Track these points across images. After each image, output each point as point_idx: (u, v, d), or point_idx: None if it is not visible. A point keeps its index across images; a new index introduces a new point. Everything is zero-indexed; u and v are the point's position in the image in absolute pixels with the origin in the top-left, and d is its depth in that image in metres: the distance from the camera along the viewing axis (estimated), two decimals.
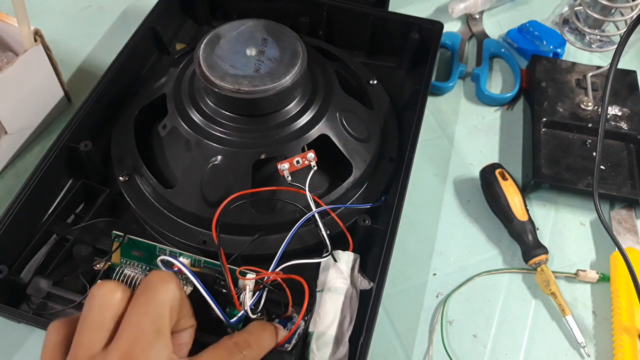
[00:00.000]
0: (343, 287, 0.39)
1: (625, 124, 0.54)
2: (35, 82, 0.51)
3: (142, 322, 0.27)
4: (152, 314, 0.27)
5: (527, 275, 0.47)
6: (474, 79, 0.61)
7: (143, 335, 0.26)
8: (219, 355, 0.29)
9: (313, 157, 0.43)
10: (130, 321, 0.27)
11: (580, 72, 0.58)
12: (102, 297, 0.28)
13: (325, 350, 0.36)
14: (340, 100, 0.48)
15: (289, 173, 0.42)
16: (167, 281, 0.29)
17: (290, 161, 0.42)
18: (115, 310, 0.28)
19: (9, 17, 0.51)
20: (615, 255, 0.46)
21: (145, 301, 0.28)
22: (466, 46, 0.65)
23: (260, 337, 0.33)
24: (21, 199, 0.42)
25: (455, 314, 0.45)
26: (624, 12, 0.61)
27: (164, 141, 0.47)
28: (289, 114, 0.44)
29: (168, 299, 0.28)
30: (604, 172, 0.52)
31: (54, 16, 0.67)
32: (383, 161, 0.49)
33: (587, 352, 0.43)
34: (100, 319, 0.27)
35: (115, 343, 0.26)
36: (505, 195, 0.48)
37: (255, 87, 0.42)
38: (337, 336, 0.37)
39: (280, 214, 0.44)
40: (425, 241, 0.49)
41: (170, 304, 0.28)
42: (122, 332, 0.27)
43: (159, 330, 0.27)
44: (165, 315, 0.28)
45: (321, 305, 0.38)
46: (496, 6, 0.69)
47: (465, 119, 0.58)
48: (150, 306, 0.28)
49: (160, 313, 0.28)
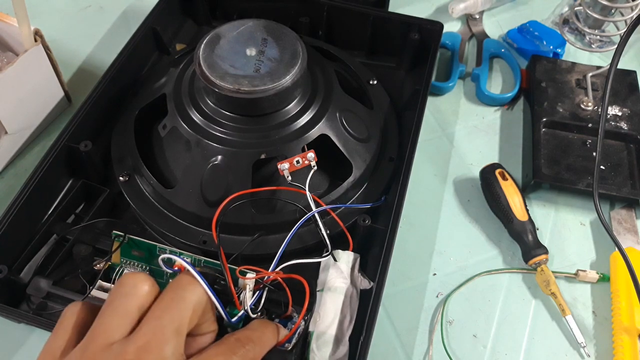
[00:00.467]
0: (343, 287, 0.39)
1: (625, 124, 0.54)
2: (35, 82, 0.51)
3: (165, 318, 0.27)
4: (175, 313, 0.28)
5: (527, 275, 0.47)
6: (474, 79, 0.61)
7: (162, 332, 0.27)
8: (221, 351, 0.29)
9: (313, 157, 0.43)
10: (154, 315, 0.27)
11: (580, 72, 0.58)
12: (131, 286, 0.28)
13: (326, 350, 0.36)
14: (340, 100, 0.48)
15: (289, 173, 0.42)
16: (196, 284, 0.30)
17: (290, 161, 0.42)
18: (142, 301, 0.28)
19: (9, 17, 0.51)
20: (615, 255, 0.46)
21: (172, 299, 0.28)
22: (466, 46, 0.65)
23: (262, 334, 0.33)
24: (21, 199, 0.42)
25: (455, 314, 0.45)
26: (624, 12, 0.61)
27: (164, 141, 0.47)
28: (289, 114, 0.44)
29: (193, 301, 0.29)
30: (604, 172, 0.52)
31: (54, 16, 0.67)
32: (383, 161, 0.49)
33: (587, 352, 0.43)
34: (126, 307, 0.28)
35: (136, 334, 0.27)
36: (505, 195, 0.48)
37: (255, 87, 0.42)
38: (337, 335, 0.37)
39: (280, 214, 0.44)
40: (425, 241, 0.49)
41: (195, 306, 0.29)
42: (144, 325, 0.27)
43: (178, 329, 0.27)
44: (187, 317, 0.28)
45: (321, 305, 0.38)
46: (496, 6, 0.69)
47: (465, 119, 0.58)
48: (175, 305, 0.28)
49: (184, 314, 0.28)
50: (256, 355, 0.31)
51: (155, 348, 0.26)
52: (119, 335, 0.27)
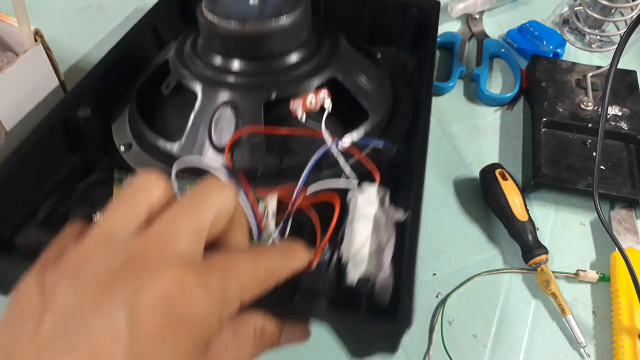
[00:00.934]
0: (372, 214, 0.37)
1: (625, 124, 0.54)
2: (35, 82, 0.51)
3: (182, 216, 0.23)
4: (195, 212, 0.23)
5: (527, 275, 0.47)
6: (474, 79, 0.61)
7: (177, 228, 0.22)
8: (242, 258, 0.24)
9: (326, 95, 0.40)
10: (169, 214, 0.23)
11: (580, 72, 0.58)
12: (143, 180, 0.24)
13: (361, 268, 0.34)
14: (348, 51, 0.47)
15: (302, 112, 0.40)
16: (224, 188, 0.25)
17: (304, 99, 0.40)
18: (153, 198, 0.23)
19: (9, 17, 0.51)
20: (615, 255, 0.46)
21: (193, 198, 0.24)
22: (466, 46, 0.65)
23: (290, 251, 0.28)
24: (17, 168, 0.39)
25: (455, 314, 0.45)
26: (624, 12, 0.61)
27: (167, 101, 0.46)
28: (297, 57, 0.44)
29: (218, 205, 0.24)
30: (604, 172, 0.52)
31: (54, 16, 0.67)
32: (397, 114, 0.47)
33: (587, 352, 0.43)
34: (134, 201, 0.23)
35: (145, 230, 0.22)
36: (505, 195, 0.48)
37: (261, 24, 0.41)
38: (373, 257, 0.35)
39: (294, 157, 0.42)
40: (425, 241, 0.49)
41: (220, 210, 0.24)
42: (155, 223, 0.23)
43: (197, 229, 0.23)
44: (208, 217, 0.23)
45: (352, 232, 0.36)
46: (496, 6, 0.69)
47: (465, 119, 0.58)
48: (197, 204, 0.23)
49: (205, 214, 0.23)
50: (283, 270, 0.27)
51: (166, 242, 0.22)
52: (123, 230, 0.22)
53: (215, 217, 0.24)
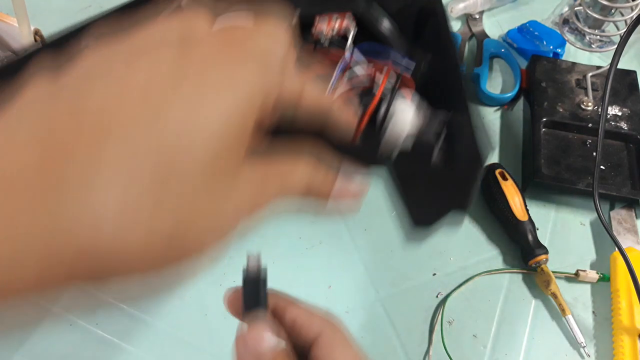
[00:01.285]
0: (413, 107, 0.33)
1: (625, 124, 0.54)
2: None
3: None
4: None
5: (527, 275, 0.47)
6: (474, 79, 0.61)
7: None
8: (304, 162, 0.21)
9: (351, 18, 0.37)
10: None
11: (580, 72, 0.58)
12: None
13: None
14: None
15: (326, 35, 0.37)
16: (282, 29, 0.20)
17: (329, 18, 0.37)
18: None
19: (9, 17, 0.51)
20: (615, 255, 0.46)
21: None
22: (466, 46, 0.65)
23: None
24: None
25: (455, 314, 0.45)
26: (624, 12, 0.61)
27: None
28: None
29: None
30: (604, 172, 0.52)
31: (54, 16, 0.67)
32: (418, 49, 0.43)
33: (587, 352, 0.43)
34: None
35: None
36: (505, 195, 0.48)
37: None
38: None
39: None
40: (425, 241, 0.49)
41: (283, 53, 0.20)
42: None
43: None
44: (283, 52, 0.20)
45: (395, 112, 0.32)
46: (496, 6, 0.69)
47: None
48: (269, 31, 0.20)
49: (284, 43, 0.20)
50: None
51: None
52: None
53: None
